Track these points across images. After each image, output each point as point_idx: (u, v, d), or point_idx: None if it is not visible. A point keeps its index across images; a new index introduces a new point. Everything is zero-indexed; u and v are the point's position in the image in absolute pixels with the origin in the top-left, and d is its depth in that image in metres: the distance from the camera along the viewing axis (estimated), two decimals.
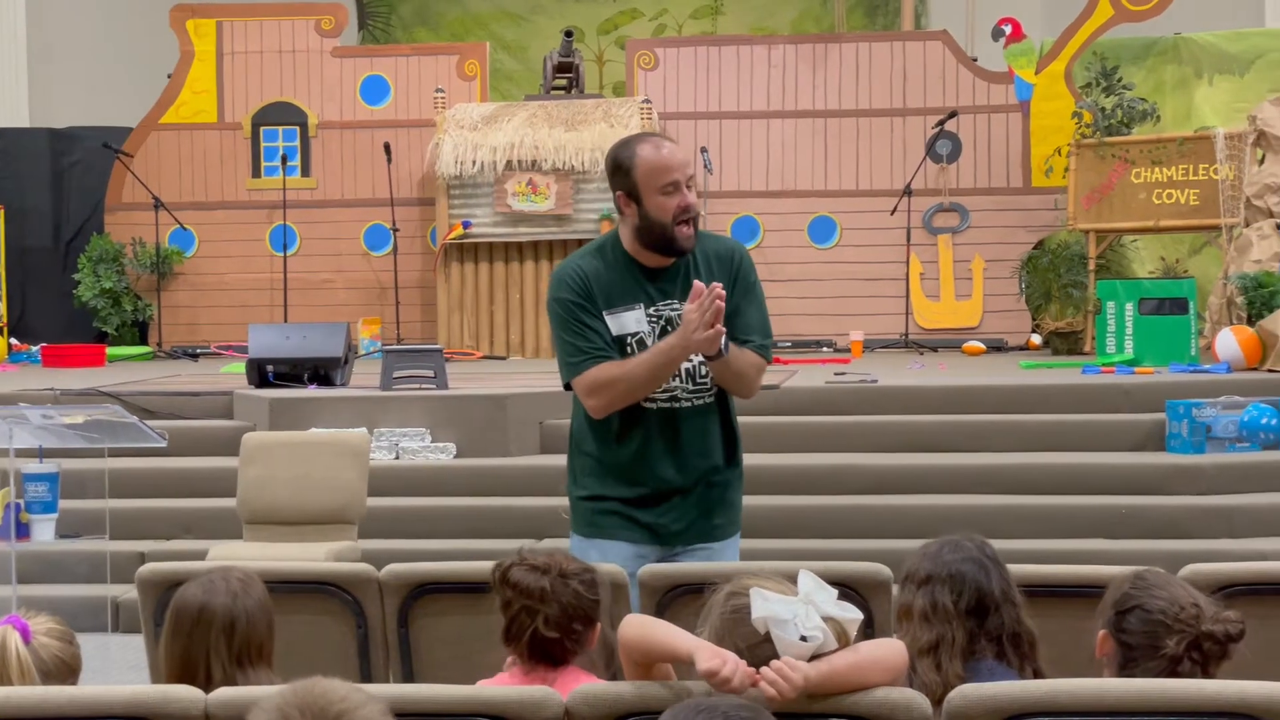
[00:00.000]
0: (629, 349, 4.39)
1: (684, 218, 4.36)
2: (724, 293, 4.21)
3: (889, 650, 3.00)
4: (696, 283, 4.24)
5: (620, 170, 4.41)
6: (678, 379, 4.43)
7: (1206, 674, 3.19)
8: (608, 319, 4.41)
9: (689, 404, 4.46)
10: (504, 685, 3.29)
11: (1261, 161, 11.70)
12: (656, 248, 4.42)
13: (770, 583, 2.93)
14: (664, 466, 4.45)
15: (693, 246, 4.42)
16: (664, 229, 4.37)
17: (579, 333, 4.40)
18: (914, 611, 3.46)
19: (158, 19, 14.67)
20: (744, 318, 4.48)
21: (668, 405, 4.44)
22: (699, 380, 4.45)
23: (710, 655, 2.85)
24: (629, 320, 4.41)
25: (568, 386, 4.49)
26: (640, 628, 3.04)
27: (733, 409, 4.61)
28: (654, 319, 4.43)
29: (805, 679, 2.82)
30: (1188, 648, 3.20)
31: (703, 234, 4.57)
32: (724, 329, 4.25)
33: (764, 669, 2.83)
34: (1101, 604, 3.39)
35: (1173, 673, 3.19)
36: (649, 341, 4.40)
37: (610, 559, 4.37)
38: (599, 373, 4.36)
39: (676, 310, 4.40)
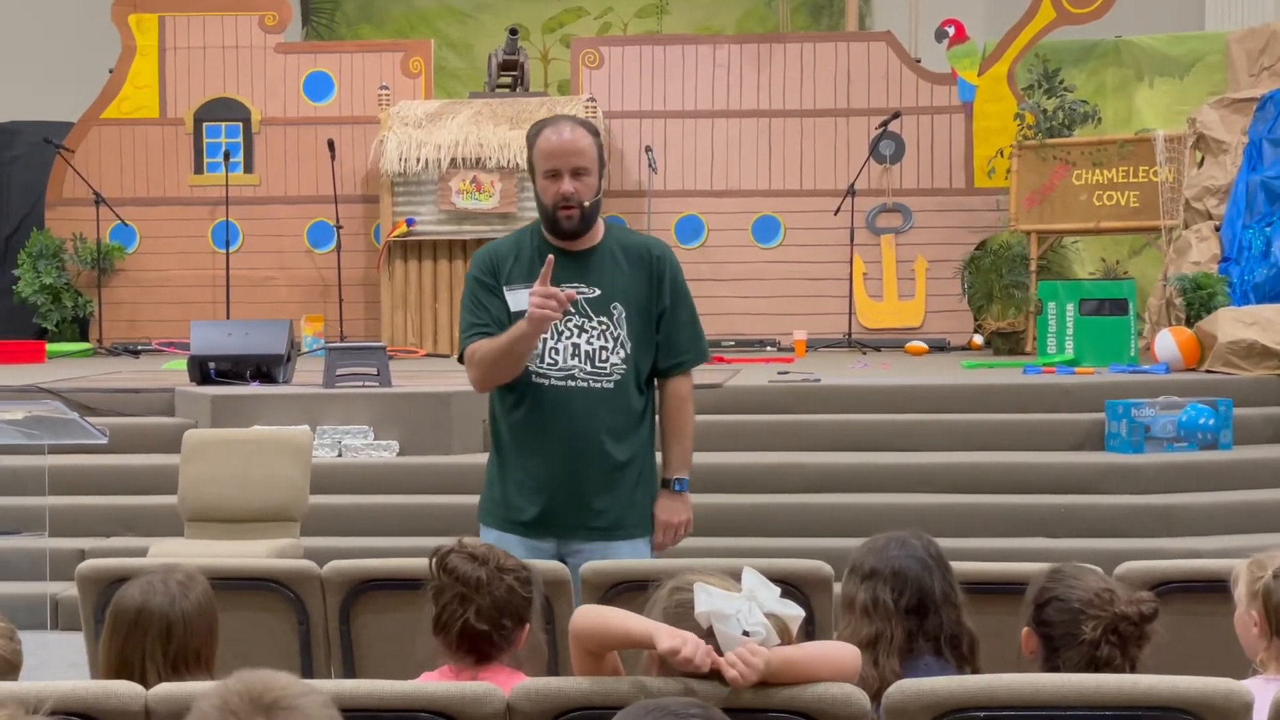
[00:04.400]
0: None
1: (561, 204, 4.45)
2: (571, 297, 4.33)
3: (843, 651, 3.02)
4: (549, 266, 4.30)
5: (528, 146, 4.60)
6: (575, 358, 4.48)
7: (1126, 656, 3.24)
8: (506, 295, 4.52)
9: (584, 384, 4.50)
10: (438, 681, 3.26)
11: (1200, 164, 11.80)
12: (547, 227, 4.55)
13: (714, 579, 2.95)
14: (549, 445, 4.51)
15: (574, 231, 4.49)
16: (544, 210, 4.52)
17: (472, 309, 4.55)
18: (855, 605, 3.49)
19: (99, 13, 14.56)
20: (673, 337, 4.58)
21: (561, 384, 4.50)
22: (598, 364, 4.49)
23: (670, 635, 2.86)
24: (523, 298, 4.44)
25: (461, 359, 4.62)
26: (596, 615, 3.03)
27: (649, 401, 4.63)
28: None
29: (767, 664, 2.85)
30: (1105, 631, 3.24)
31: (622, 229, 4.74)
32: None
33: (727, 654, 2.85)
34: (1023, 603, 3.43)
35: (1093, 658, 3.23)
36: None
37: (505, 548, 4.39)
38: (475, 346, 4.51)
39: (583, 294, 4.49)
